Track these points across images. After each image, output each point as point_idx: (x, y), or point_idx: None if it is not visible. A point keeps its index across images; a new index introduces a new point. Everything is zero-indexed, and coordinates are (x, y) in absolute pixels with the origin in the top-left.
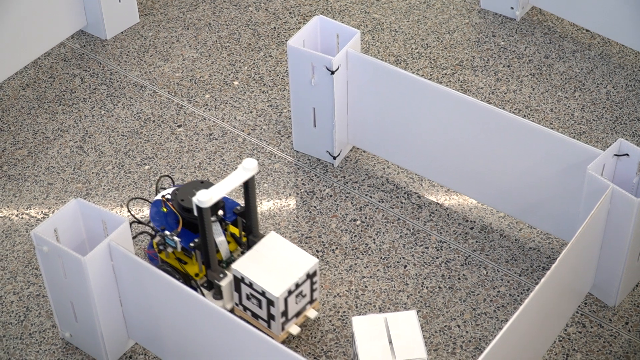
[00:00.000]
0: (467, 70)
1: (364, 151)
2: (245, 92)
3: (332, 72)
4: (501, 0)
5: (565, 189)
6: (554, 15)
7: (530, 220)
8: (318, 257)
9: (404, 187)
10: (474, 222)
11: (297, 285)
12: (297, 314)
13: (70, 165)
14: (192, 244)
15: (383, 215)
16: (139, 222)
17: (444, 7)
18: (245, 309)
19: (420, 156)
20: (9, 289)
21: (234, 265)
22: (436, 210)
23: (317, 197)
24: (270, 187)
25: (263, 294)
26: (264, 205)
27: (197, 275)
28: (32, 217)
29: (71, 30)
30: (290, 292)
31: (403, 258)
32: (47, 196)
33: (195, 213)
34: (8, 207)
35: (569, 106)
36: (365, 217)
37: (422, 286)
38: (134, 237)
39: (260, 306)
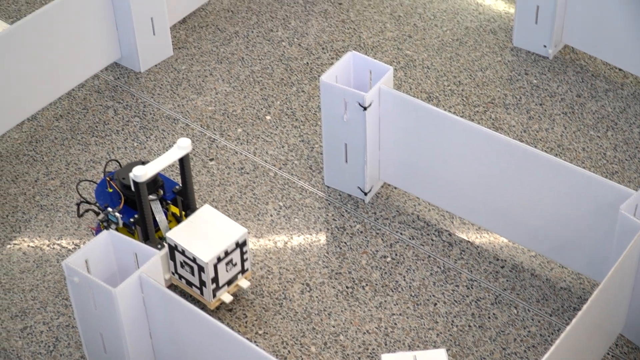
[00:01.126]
0: (499, 108)
1: (395, 188)
2: (277, 127)
3: (365, 108)
4: (534, 38)
5: (597, 229)
6: (586, 54)
7: (561, 260)
8: (348, 294)
9: (435, 225)
10: (505, 260)
11: (227, 253)
12: (229, 282)
13: None
14: (132, 219)
15: (413, 252)
16: (86, 201)
17: (476, 44)
18: (180, 277)
19: (452, 193)
20: (39, 319)
21: (168, 234)
22: (467, 248)
23: (347, 233)
24: (300, 222)
25: (194, 260)
26: (294, 240)
27: None
28: (64, 247)
29: (105, 62)
30: (219, 259)
31: (433, 296)
32: (79, 227)
33: (133, 188)
34: (40, 237)
35: (601, 145)
36: (396, 254)
37: (452, 324)
38: (80, 215)
39: (192, 273)
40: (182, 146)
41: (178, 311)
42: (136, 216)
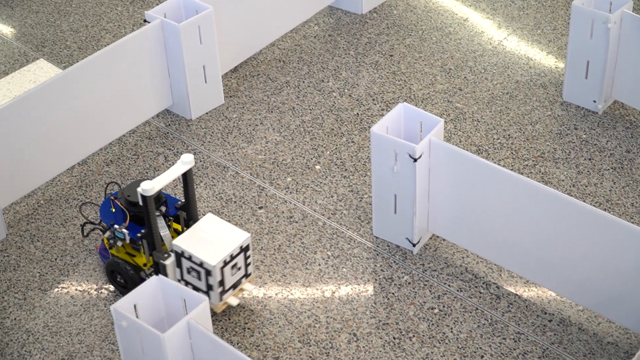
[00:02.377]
0: (549, 162)
1: (444, 239)
2: (326, 177)
3: (415, 160)
4: (584, 93)
5: None
6: (636, 110)
7: (608, 314)
8: (395, 345)
9: (483, 277)
10: (553, 314)
11: (232, 257)
12: (234, 286)
13: None
14: (139, 234)
15: (461, 304)
16: (91, 222)
17: (526, 98)
18: (187, 283)
19: (500, 246)
20: None
21: (174, 242)
22: (515, 301)
23: (395, 284)
24: (349, 272)
25: (201, 264)
26: (342, 290)
27: (145, 265)
28: (111, 292)
29: (157, 109)
30: (225, 263)
31: (480, 348)
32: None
33: (140, 202)
34: (87, 281)
35: None
36: (443, 306)
37: None
38: (85, 236)
39: (199, 278)
40: (186, 161)
41: (226, 357)
42: (143, 231)
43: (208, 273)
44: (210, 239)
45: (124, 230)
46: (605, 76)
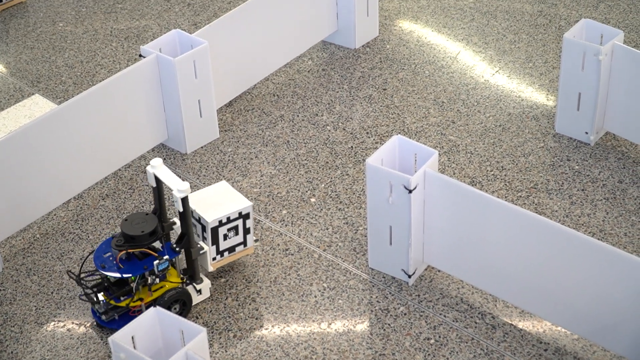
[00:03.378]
0: (542, 193)
1: (439, 270)
2: (321, 209)
3: (410, 191)
4: (576, 125)
5: None
6: (627, 141)
7: (604, 343)
8: None
9: (479, 307)
10: (548, 343)
11: (229, 220)
12: (230, 250)
13: None
14: (177, 248)
15: (457, 334)
16: (93, 284)
17: (519, 130)
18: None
19: (495, 276)
20: None
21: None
22: (510, 331)
23: (391, 315)
24: (345, 304)
25: (199, 220)
26: (338, 322)
27: (182, 279)
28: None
29: (152, 143)
30: (221, 223)
31: None
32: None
33: (181, 207)
34: (84, 314)
35: None
36: (439, 336)
37: None
38: (94, 304)
39: (197, 234)
40: (155, 165)
41: None
42: (177, 249)
43: (204, 229)
44: (215, 201)
45: (165, 257)
46: (597, 108)
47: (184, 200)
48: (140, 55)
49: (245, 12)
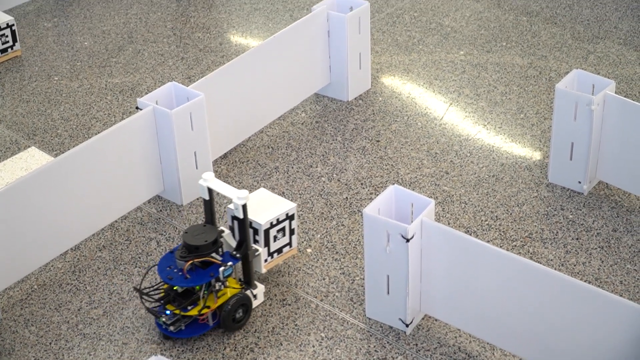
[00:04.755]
0: (537, 242)
1: (436, 319)
2: (318, 260)
3: (407, 240)
4: (569, 174)
5: (638, 358)
6: (620, 190)
7: None
8: None
9: (476, 356)
10: None
11: (278, 221)
12: (278, 251)
13: (145, 325)
14: (236, 255)
15: None
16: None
17: (512, 180)
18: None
19: (493, 325)
20: None
21: (230, 206)
22: None
23: None
24: (342, 354)
25: (250, 225)
26: None
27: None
28: None
29: (148, 195)
30: (272, 225)
31: None
32: (122, 356)
33: (241, 213)
34: None
35: (638, 278)
36: None
37: None
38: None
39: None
40: (208, 178)
41: None
42: (237, 255)
43: (255, 232)
44: (261, 206)
45: (229, 263)
46: (589, 157)
47: (244, 207)
48: (137, 108)
49: (240, 65)
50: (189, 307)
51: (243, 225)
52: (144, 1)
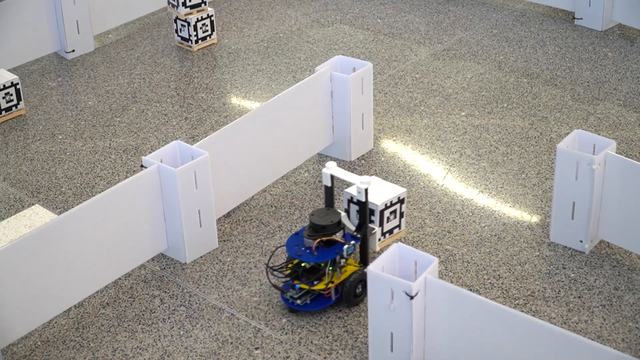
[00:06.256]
0: (539, 300)
1: None
2: (321, 318)
3: (412, 298)
4: (570, 234)
5: None
6: (621, 249)
7: None
8: None
9: None
10: None
11: (392, 203)
12: (390, 232)
13: None
14: (357, 235)
15: None
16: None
17: (514, 239)
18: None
19: None
20: None
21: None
22: None
23: None
24: None
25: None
26: None
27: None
28: None
29: (152, 253)
30: (386, 206)
31: None
32: None
33: (363, 197)
34: None
35: None
36: None
37: None
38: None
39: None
40: (331, 167)
41: None
42: (357, 235)
43: (371, 212)
44: (374, 190)
45: (352, 242)
46: (591, 217)
47: (366, 191)
48: (141, 166)
49: (244, 124)
50: (315, 282)
51: (364, 208)
52: (148, 62)
